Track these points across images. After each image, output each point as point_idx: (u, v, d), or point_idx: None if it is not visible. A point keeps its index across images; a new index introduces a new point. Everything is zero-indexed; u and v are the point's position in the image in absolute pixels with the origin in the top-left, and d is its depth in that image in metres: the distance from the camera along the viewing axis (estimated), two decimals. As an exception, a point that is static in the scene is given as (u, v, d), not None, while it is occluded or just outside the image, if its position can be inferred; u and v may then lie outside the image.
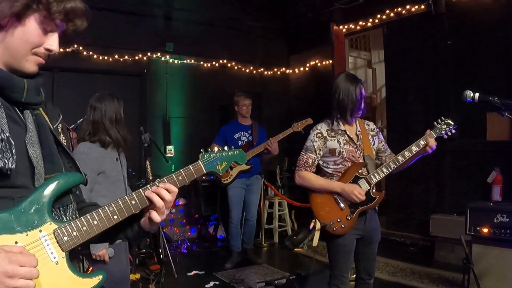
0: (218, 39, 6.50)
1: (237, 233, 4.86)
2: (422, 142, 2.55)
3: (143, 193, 1.17)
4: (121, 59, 5.66)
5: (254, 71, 6.95)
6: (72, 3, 1.07)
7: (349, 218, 2.54)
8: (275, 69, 7.15)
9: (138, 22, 5.77)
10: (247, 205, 4.85)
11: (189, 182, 1.26)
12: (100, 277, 1.10)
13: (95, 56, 5.46)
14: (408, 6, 5.21)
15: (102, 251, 2.45)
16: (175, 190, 1.20)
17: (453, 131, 2.60)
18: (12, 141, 1.01)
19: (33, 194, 1.04)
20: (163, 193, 1.17)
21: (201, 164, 1.29)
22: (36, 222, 1.03)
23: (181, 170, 1.25)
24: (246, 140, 4.77)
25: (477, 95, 2.18)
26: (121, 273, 2.58)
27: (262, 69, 7.02)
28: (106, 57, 5.53)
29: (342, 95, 2.57)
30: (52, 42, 1.09)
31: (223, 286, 4.15)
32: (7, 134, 1.01)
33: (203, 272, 4.50)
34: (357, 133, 2.68)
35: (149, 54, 5.90)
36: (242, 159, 1.39)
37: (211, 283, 4.17)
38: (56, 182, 1.07)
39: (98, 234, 1.11)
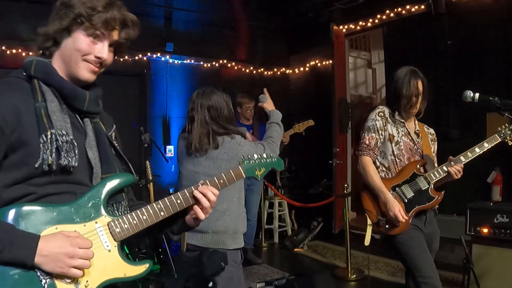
0: (218, 39, 6.49)
1: (237, 233, 4.84)
2: (486, 144, 2.39)
3: (187, 194, 1.28)
4: (121, 59, 5.62)
5: (254, 71, 6.94)
6: (111, 13, 1.20)
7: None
8: (275, 69, 7.14)
9: (138, 22, 5.77)
10: (247, 205, 4.81)
11: (229, 185, 1.36)
12: (147, 265, 1.22)
13: (95, 56, 5.44)
14: (408, 6, 5.20)
15: None
16: (217, 192, 1.31)
17: None
18: (75, 143, 1.16)
19: (91, 191, 1.19)
20: (209, 194, 1.29)
21: (241, 170, 1.39)
22: (92, 215, 1.17)
23: (222, 173, 1.36)
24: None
25: (477, 95, 2.19)
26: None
27: (262, 69, 7.01)
28: (106, 57, 5.52)
29: (399, 85, 2.43)
30: (100, 49, 1.22)
31: (223, 286, 4.14)
32: (71, 137, 1.16)
33: (203, 272, 4.48)
34: (416, 131, 2.54)
35: (149, 54, 5.90)
36: (280, 166, 1.45)
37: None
38: (112, 181, 1.22)
39: (146, 228, 1.23)
